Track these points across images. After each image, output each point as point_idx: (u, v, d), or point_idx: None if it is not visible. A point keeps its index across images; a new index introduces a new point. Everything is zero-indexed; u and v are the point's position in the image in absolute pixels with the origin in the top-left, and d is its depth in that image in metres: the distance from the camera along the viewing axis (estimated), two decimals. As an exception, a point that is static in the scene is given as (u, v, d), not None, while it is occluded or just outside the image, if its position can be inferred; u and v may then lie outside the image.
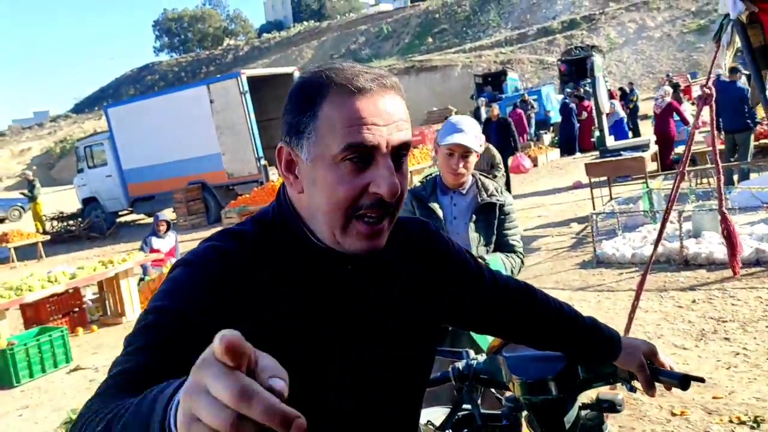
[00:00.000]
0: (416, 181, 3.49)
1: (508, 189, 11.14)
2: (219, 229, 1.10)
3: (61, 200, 24.01)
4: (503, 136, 11.24)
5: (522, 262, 2.79)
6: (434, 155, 2.92)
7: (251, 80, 15.23)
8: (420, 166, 14.97)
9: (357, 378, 1.05)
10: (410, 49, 55.14)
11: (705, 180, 9.54)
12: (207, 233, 14.35)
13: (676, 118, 11.86)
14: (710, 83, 2.29)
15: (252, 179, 15.17)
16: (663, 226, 2.82)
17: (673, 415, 3.61)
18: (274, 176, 14.98)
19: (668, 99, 12.08)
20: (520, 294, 1.37)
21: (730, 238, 2.44)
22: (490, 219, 2.75)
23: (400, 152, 0.99)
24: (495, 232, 2.74)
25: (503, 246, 2.76)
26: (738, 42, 1.98)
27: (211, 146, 15.51)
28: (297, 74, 16.72)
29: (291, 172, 1.03)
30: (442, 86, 40.74)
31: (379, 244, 1.00)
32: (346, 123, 0.94)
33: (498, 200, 2.77)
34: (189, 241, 12.74)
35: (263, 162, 15.03)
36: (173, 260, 9.22)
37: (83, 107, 69.88)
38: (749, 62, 1.97)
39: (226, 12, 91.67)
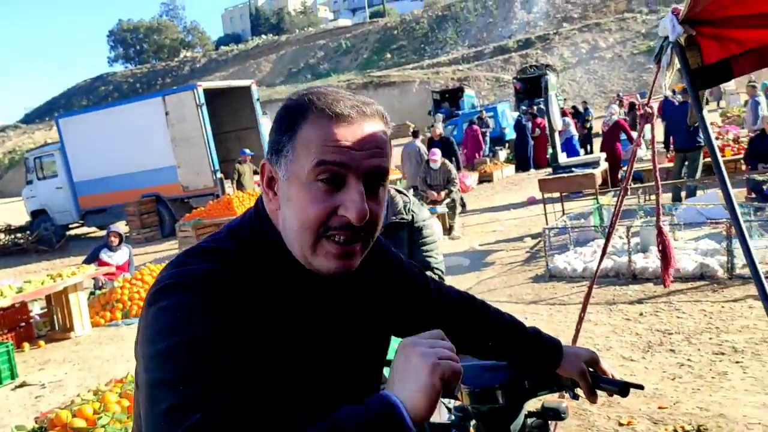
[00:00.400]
0: None
1: (463, 205, 11.26)
2: (175, 242, 1.10)
3: (8, 212, 23.28)
4: (446, 154, 11.36)
5: (441, 278, 2.73)
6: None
7: (208, 92, 15.11)
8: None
9: (331, 399, 1.07)
10: (369, 65, 55.49)
11: (653, 196, 9.82)
12: (161, 247, 14.17)
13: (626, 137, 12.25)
14: (651, 102, 2.41)
15: (207, 192, 15.00)
16: (607, 241, 2.91)
17: (621, 425, 3.70)
18: (230, 189, 14.85)
19: (615, 118, 12.47)
20: (464, 304, 1.43)
21: (664, 251, 2.53)
22: (400, 237, 2.69)
23: (375, 179, 1.01)
24: (407, 250, 2.70)
25: (419, 263, 2.72)
26: (677, 63, 2.08)
27: (166, 159, 15.30)
28: (254, 87, 16.65)
29: (271, 189, 1.06)
30: (400, 102, 41.09)
31: (350, 266, 1.02)
32: (321, 143, 0.97)
33: (403, 219, 2.70)
34: (143, 255, 12.51)
35: (219, 175, 14.89)
36: (126, 275, 9.02)
37: (33, 117, 68.09)
38: (687, 83, 2.06)
39: (184, 24, 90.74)
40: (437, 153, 10.27)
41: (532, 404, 1.61)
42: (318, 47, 61.69)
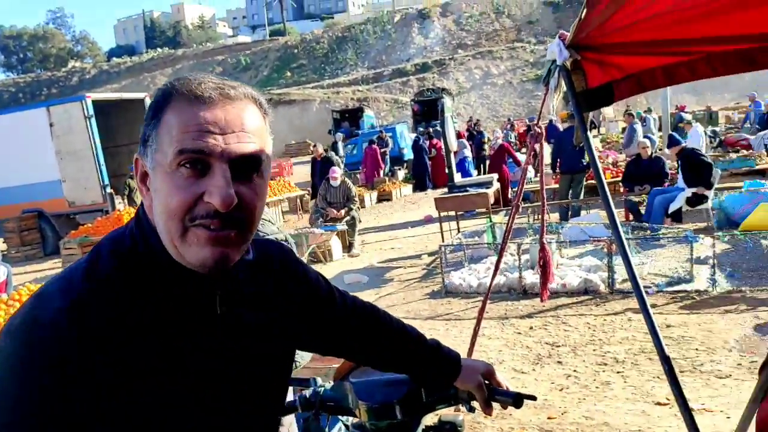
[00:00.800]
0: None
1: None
2: (59, 261, 1.03)
3: None
4: (325, 174, 11.45)
5: None
6: None
7: (98, 104, 14.41)
8: (277, 198, 14.87)
9: (218, 403, 1.02)
10: (269, 82, 55.04)
11: (540, 215, 10.30)
12: (43, 265, 13.31)
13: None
14: (540, 123, 2.54)
15: (96, 208, 14.24)
16: (500, 258, 3.01)
17: (513, 436, 3.81)
18: (121, 205, 14.18)
19: (500, 141, 13.15)
20: (367, 314, 1.41)
21: (545, 267, 2.64)
22: None
23: (246, 165, 0.96)
24: None
25: None
26: (564, 86, 2.19)
27: (50, 172, 14.40)
28: (149, 100, 15.98)
29: (144, 184, 1.00)
30: (300, 120, 41.04)
31: (226, 255, 0.95)
32: (182, 129, 0.93)
33: None
34: (22, 274, 11.66)
35: (109, 190, 14.18)
36: (3, 295, 8.36)
37: None
38: (573, 105, 2.18)
39: (72, 33, 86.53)
40: (337, 171, 10.33)
41: (430, 418, 1.62)
42: (216, 63, 60.53)
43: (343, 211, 10.08)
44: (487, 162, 17.42)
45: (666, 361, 1.74)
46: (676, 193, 8.74)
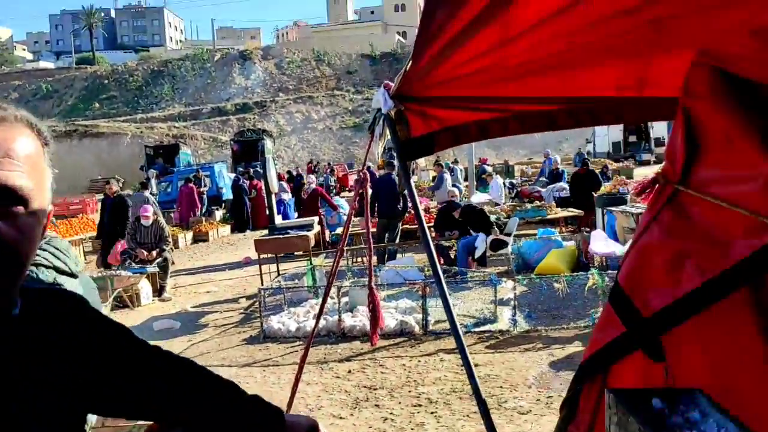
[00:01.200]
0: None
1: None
2: None
3: None
4: (117, 215, 10.92)
5: None
6: None
7: None
8: (79, 237, 13.72)
9: None
10: (74, 112, 51.28)
11: (360, 258, 10.55)
12: None
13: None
14: (365, 169, 2.60)
15: None
16: (324, 301, 2.99)
17: (332, 484, 3.74)
18: None
19: (313, 186, 13.46)
20: (180, 368, 1.27)
21: (374, 311, 2.68)
22: None
23: (11, 198, 0.84)
24: None
25: None
26: (388, 134, 2.25)
27: None
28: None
29: None
30: (108, 154, 38.62)
31: None
32: None
33: None
34: None
35: None
36: None
37: None
38: (397, 154, 2.25)
39: None
40: (149, 210, 9.76)
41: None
42: (12, 88, 55.22)
43: (154, 253, 9.51)
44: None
45: (482, 403, 1.81)
46: (475, 239, 9.44)
